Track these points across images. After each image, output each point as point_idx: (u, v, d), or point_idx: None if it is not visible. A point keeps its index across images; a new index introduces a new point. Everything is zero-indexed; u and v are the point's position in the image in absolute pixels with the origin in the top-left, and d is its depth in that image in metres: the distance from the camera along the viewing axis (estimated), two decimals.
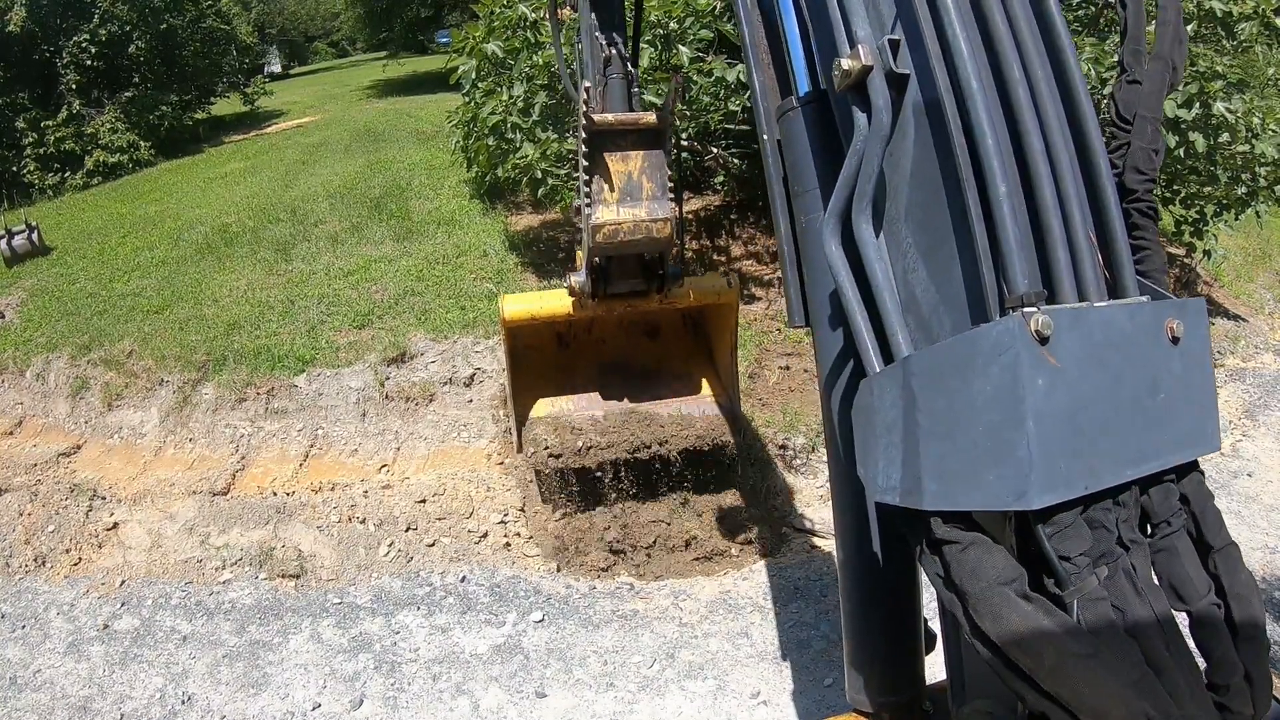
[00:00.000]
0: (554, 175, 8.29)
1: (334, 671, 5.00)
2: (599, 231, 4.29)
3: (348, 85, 34.07)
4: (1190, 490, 1.60)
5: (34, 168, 21.72)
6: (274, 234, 11.30)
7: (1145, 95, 1.86)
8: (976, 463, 1.36)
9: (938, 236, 1.66)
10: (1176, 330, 1.51)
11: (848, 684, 2.18)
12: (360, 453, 6.92)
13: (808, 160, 2.00)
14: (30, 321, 10.83)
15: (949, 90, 1.60)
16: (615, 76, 4.56)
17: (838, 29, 1.76)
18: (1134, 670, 1.33)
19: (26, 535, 6.83)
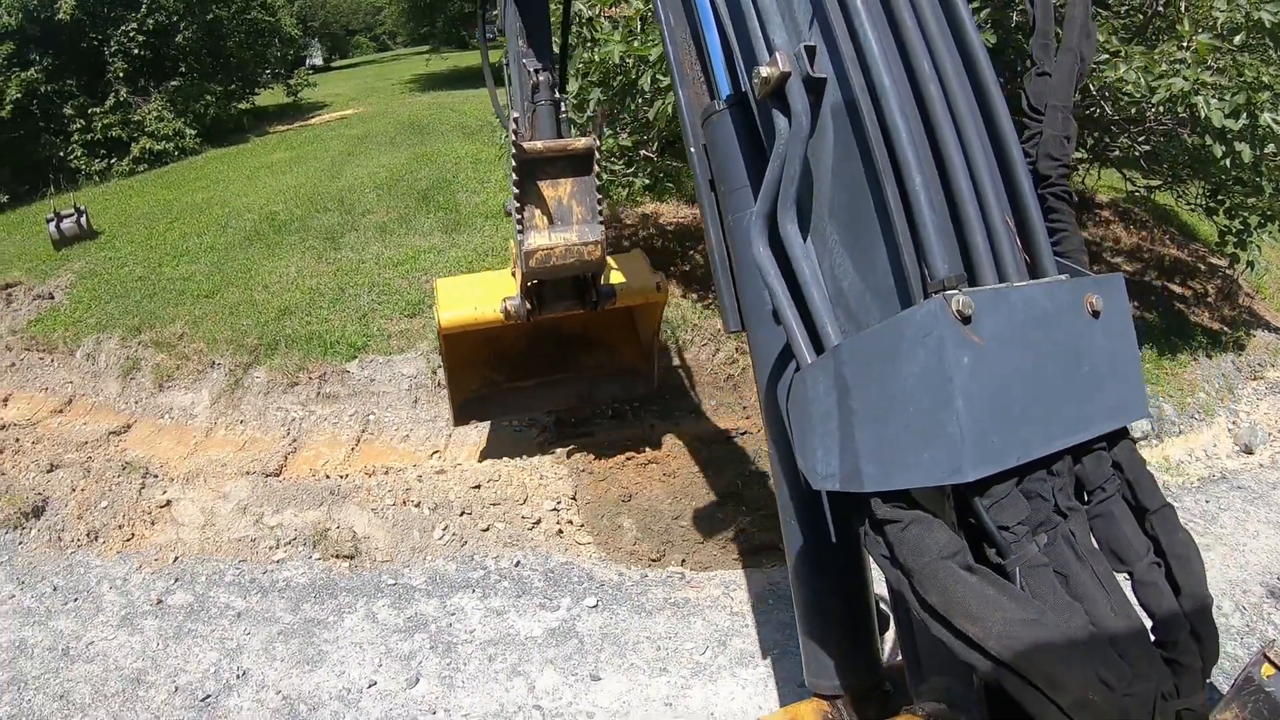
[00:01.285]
0: (607, 171, 8.47)
1: (389, 650, 5.15)
2: (532, 257, 4.52)
3: (389, 79, 34.58)
4: (1123, 457, 1.68)
5: (81, 153, 22.38)
6: (323, 223, 11.60)
7: (1055, 85, 1.96)
8: (910, 443, 1.43)
9: (861, 231, 1.75)
10: (1096, 305, 1.59)
11: (805, 669, 2.23)
12: (412, 439, 7.10)
13: (735, 159, 2.10)
14: (80, 303, 11.19)
15: (864, 90, 1.69)
16: (543, 103, 4.76)
17: (755, 37, 1.86)
18: (1080, 632, 1.40)
19: (79, 510, 7.08)
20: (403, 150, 15.91)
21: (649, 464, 6.50)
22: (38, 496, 7.40)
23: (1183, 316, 9.46)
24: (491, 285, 5.62)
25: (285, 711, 4.81)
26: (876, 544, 1.54)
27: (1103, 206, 11.79)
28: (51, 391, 9.63)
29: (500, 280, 5.65)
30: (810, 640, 2.19)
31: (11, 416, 9.36)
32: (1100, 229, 11.32)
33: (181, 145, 22.35)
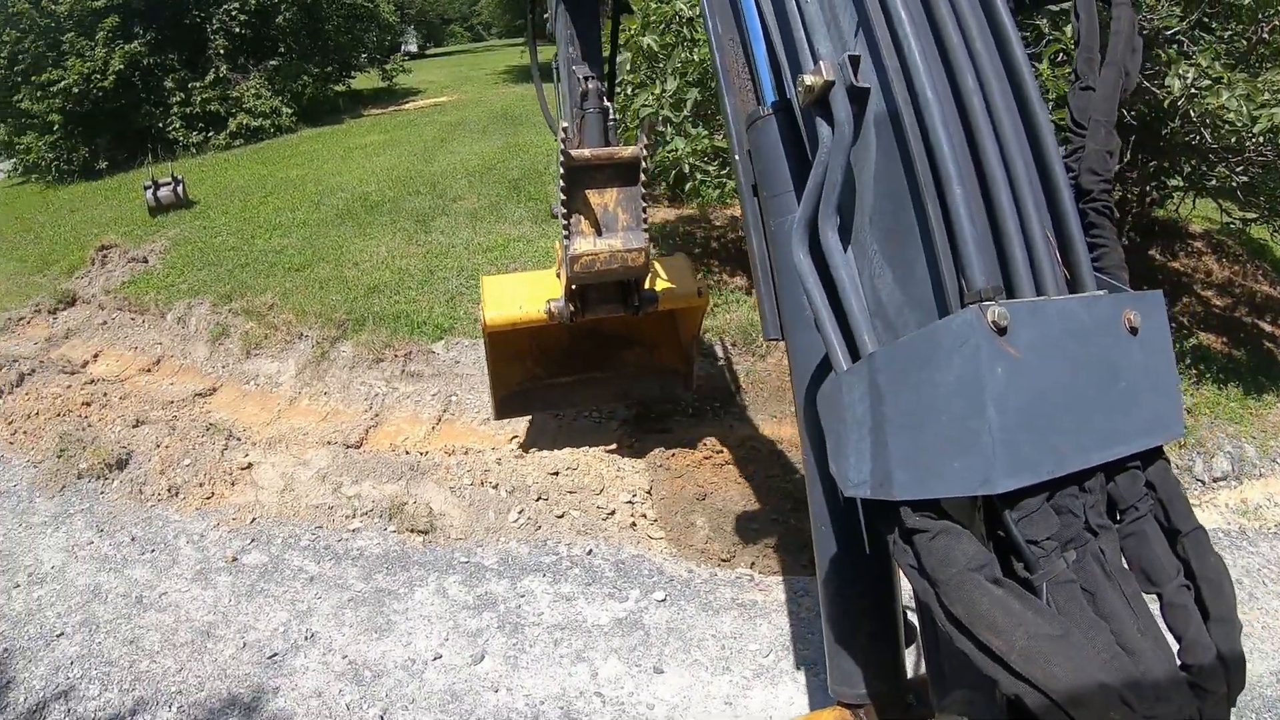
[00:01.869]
0: (702, 171, 8.57)
1: (457, 626, 5.30)
2: (577, 262, 4.67)
3: (482, 69, 35.26)
4: (1157, 477, 1.67)
5: (179, 125, 23.40)
6: (414, 206, 11.96)
7: (1098, 100, 1.95)
8: (942, 452, 1.45)
9: (901, 241, 1.78)
10: (1134, 321, 1.59)
11: (830, 676, 2.25)
12: (491, 423, 7.28)
13: (778, 165, 2.14)
14: (173, 268, 11.72)
15: (907, 101, 1.73)
16: (592, 110, 4.87)
17: (800, 45, 1.92)
18: (1105, 651, 1.40)
19: (161, 466, 7.43)
20: (494, 139, 16.28)
21: (726, 465, 6.56)
22: (122, 450, 7.77)
23: (1271, 356, 9.18)
24: (536, 285, 5.86)
25: (350, 676, 4.97)
26: (905, 553, 1.56)
27: (1195, 237, 11.49)
28: (140, 351, 10.11)
29: (545, 280, 5.89)
30: (836, 648, 2.22)
31: (101, 372, 9.86)
32: (1192, 260, 11.03)
33: (278, 123, 23.25)
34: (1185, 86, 6.30)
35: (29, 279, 13.63)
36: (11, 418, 8.95)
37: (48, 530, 6.94)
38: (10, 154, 26.64)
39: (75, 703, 5.03)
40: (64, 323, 11.59)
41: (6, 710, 5.04)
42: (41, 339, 11.20)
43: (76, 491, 7.41)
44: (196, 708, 4.88)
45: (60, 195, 21.57)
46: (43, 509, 7.27)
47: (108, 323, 11.06)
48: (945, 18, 1.78)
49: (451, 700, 4.74)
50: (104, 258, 13.04)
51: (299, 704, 4.82)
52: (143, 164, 21.32)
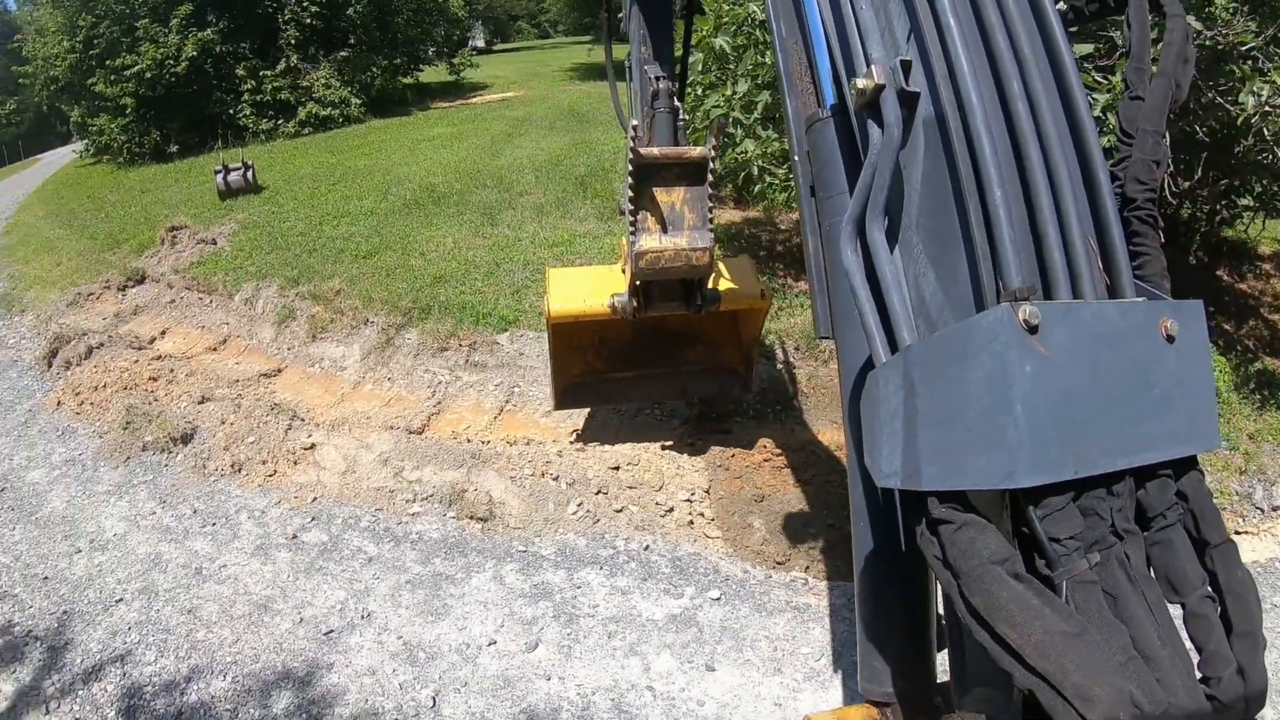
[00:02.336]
0: (770, 174, 8.64)
1: (513, 613, 5.42)
2: (642, 258, 4.75)
3: (549, 65, 35.64)
4: (1189, 487, 1.68)
5: (250, 112, 24.09)
6: (481, 198, 12.20)
7: (1148, 110, 1.97)
8: (969, 445, 1.50)
9: (945, 243, 1.85)
10: (1171, 329, 1.62)
11: (860, 674, 2.28)
12: (553, 415, 7.40)
13: (834, 166, 2.22)
14: (241, 250, 12.09)
15: (953, 105, 1.80)
16: (662, 110, 4.97)
17: (855, 51, 2.02)
18: (1121, 653, 1.43)
19: (226, 442, 7.68)
20: (561, 136, 16.50)
21: (784, 468, 6.60)
22: (187, 425, 8.06)
23: None
24: (601, 279, 5.94)
25: (404, 656, 5.10)
26: (930, 544, 1.61)
27: (1265, 259, 11.23)
28: (207, 330, 10.46)
29: (610, 275, 5.97)
30: (868, 645, 2.24)
31: (167, 349, 10.21)
32: (1260, 281, 10.77)
33: (346, 113, 23.84)
34: (1259, 104, 6.22)
35: (99, 256, 14.13)
36: (79, 389, 9.32)
37: (111, 499, 7.22)
38: (84, 134, 27.66)
39: (131, 667, 5.23)
40: (132, 299, 12.03)
41: (64, 670, 5.26)
42: (110, 314, 11.63)
43: (141, 463, 7.70)
44: (251, 679, 5.04)
45: (131, 176, 22.31)
46: (107, 478, 7.57)
47: (176, 301, 11.46)
48: (994, 25, 1.88)
49: (504, 686, 4.84)
50: (173, 238, 13.50)
51: (352, 681, 4.96)
52: (212, 149, 21.97)
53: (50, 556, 6.50)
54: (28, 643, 5.56)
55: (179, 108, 24.68)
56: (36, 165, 40.62)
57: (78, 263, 14.17)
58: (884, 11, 2.06)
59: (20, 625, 5.74)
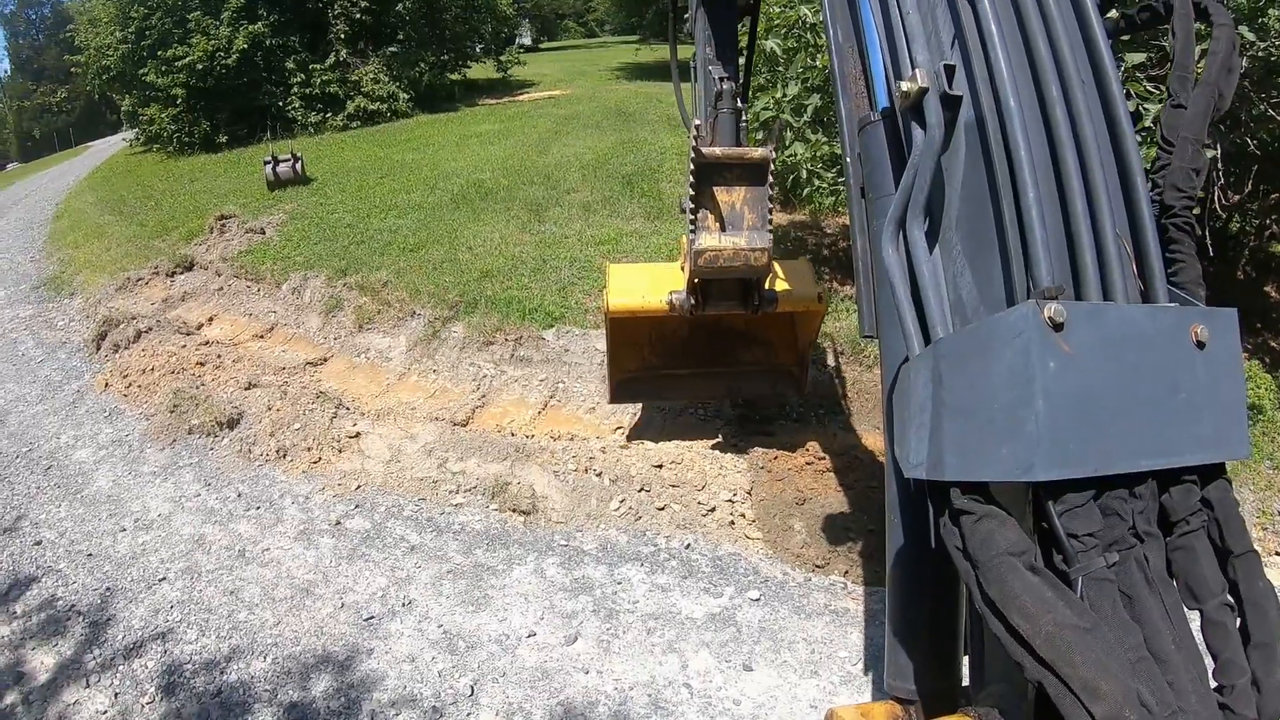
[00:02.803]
0: (819, 177, 8.67)
1: (553, 606, 5.49)
2: (701, 256, 4.88)
3: (596, 64, 35.86)
4: (1215, 496, 1.70)
5: (298, 105, 24.52)
6: (528, 195, 12.35)
7: (1189, 118, 1.99)
8: (991, 437, 1.54)
9: (982, 243, 1.91)
10: (1201, 335, 1.64)
11: (887, 671, 2.30)
12: (597, 412, 7.51)
13: (884, 168, 2.27)
14: (289, 240, 12.32)
15: (992, 108, 1.87)
16: (725, 111, 5.11)
17: (901, 54, 2.08)
18: (1133, 652, 1.46)
19: (271, 428, 7.84)
20: (608, 135, 16.62)
21: (826, 471, 6.61)
22: (234, 410, 8.23)
23: None
24: (660, 276, 6.02)
25: (444, 644, 5.18)
26: (952, 534, 1.65)
27: None
28: (254, 318, 10.67)
29: (669, 272, 6.02)
30: (895, 642, 2.27)
31: (215, 335, 10.44)
32: None
33: (394, 108, 24.21)
34: None
35: (148, 243, 14.45)
36: (127, 371, 9.56)
37: (156, 480, 7.40)
38: (134, 123, 28.26)
39: (172, 645, 5.36)
40: (181, 286, 12.30)
41: (105, 645, 5.40)
42: (159, 300, 11.89)
43: (187, 446, 7.88)
44: (291, 661, 5.15)
45: (180, 165, 22.77)
46: (153, 459, 7.76)
47: (223, 289, 11.70)
48: (1035, 31, 1.94)
49: (542, 678, 4.91)
50: (222, 226, 13.80)
51: (392, 667, 5.05)
52: (261, 140, 22.37)
53: (95, 534, 6.67)
54: (70, 617, 5.71)
55: (229, 99, 25.15)
56: (87, 153, 41.58)
57: (127, 248, 14.50)
58: (930, 16, 2.12)
59: (63, 600, 5.90)
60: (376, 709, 4.73)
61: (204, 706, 4.86)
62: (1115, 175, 1.91)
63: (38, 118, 70.48)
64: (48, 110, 70.33)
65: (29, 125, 70.87)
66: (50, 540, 6.66)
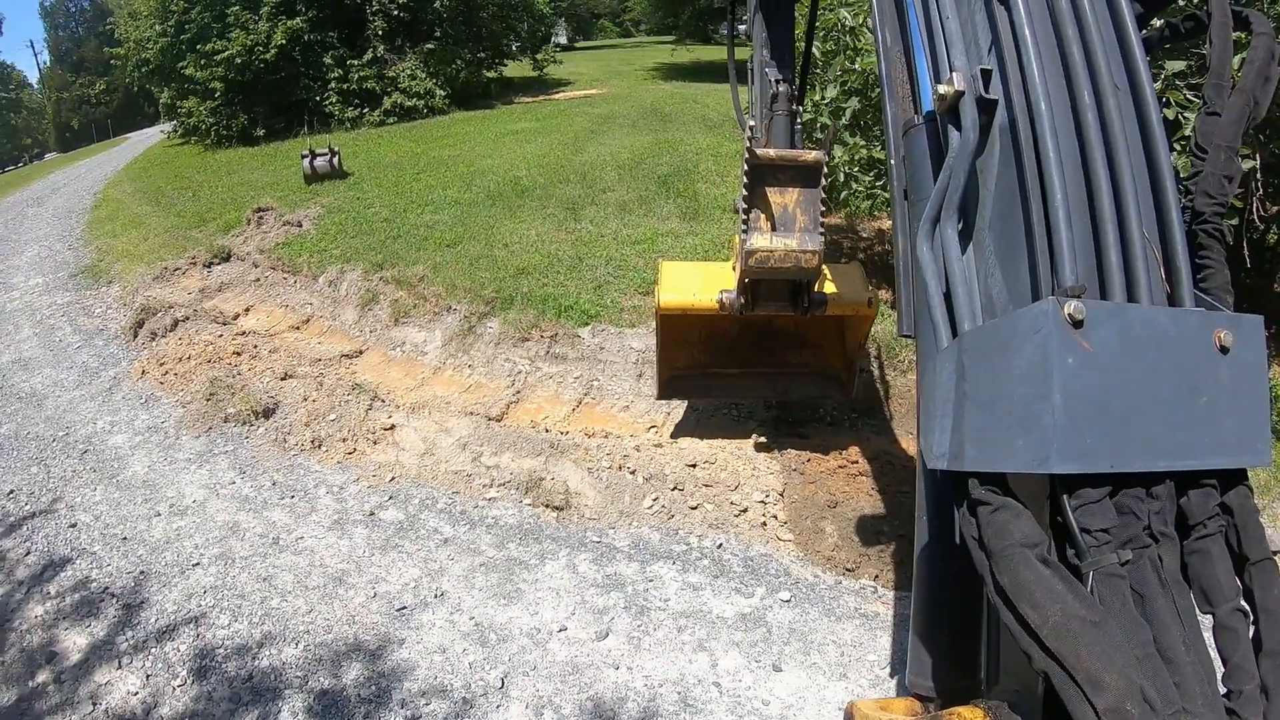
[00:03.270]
0: (856, 180, 8.68)
1: (584, 602, 5.54)
2: (752, 256, 4.94)
3: (632, 64, 36.01)
4: (1235, 502, 1.72)
5: (336, 100, 24.82)
6: (564, 193, 12.46)
7: (1223, 125, 2.03)
8: (1009, 430, 1.58)
9: (1013, 243, 1.97)
10: (1225, 340, 1.67)
11: (909, 668, 2.33)
12: (632, 410, 7.58)
13: (926, 170, 2.32)
14: (326, 234, 12.49)
15: (1024, 112, 1.93)
16: (780, 113, 5.17)
17: (941, 59, 2.15)
18: (1140, 649, 1.48)
19: (307, 418, 7.96)
20: (644, 134, 16.71)
21: (860, 476, 6.61)
22: (270, 399, 8.37)
23: None
24: (711, 275, 6.08)
25: (475, 637, 5.23)
26: (969, 524, 1.69)
27: None
28: (291, 309, 10.83)
29: (720, 271, 6.09)
30: (918, 639, 2.31)
31: (251, 325, 10.60)
32: None
33: (431, 104, 24.46)
34: None
35: (186, 233, 14.68)
36: (164, 359, 9.74)
37: (192, 467, 7.54)
38: (172, 116, 28.70)
39: (205, 629, 5.46)
40: (218, 276, 12.50)
41: (138, 628, 5.51)
42: (196, 290, 12.09)
43: (222, 434, 8.02)
44: (322, 648, 5.23)
45: (218, 158, 23.09)
46: (188, 446, 7.90)
47: (260, 280, 11.88)
48: (1070, 38, 2.01)
49: (572, 672, 4.95)
50: (259, 219, 14.00)
51: (423, 657, 5.11)
52: (298, 134, 22.70)
53: (130, 518, 6.80)
54: (104, 599, 5.84)
55: (267, 93, 25.52)
56: (124, 144, 42.20)
57: (164, 239, 14.73)
58: (970, 23, 2.19)
59: (97, 582, 6.03)
60: (407, 698, 4.80)
61: (235, 691, 4.95)
62: (1146, 180, 1.96)
63: (76, 109, 71.53)
64: (86, 102, 71.36)
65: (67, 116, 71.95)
66: (85, 523, 6.81)
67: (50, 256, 16.08)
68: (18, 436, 8.56)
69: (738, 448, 6.94)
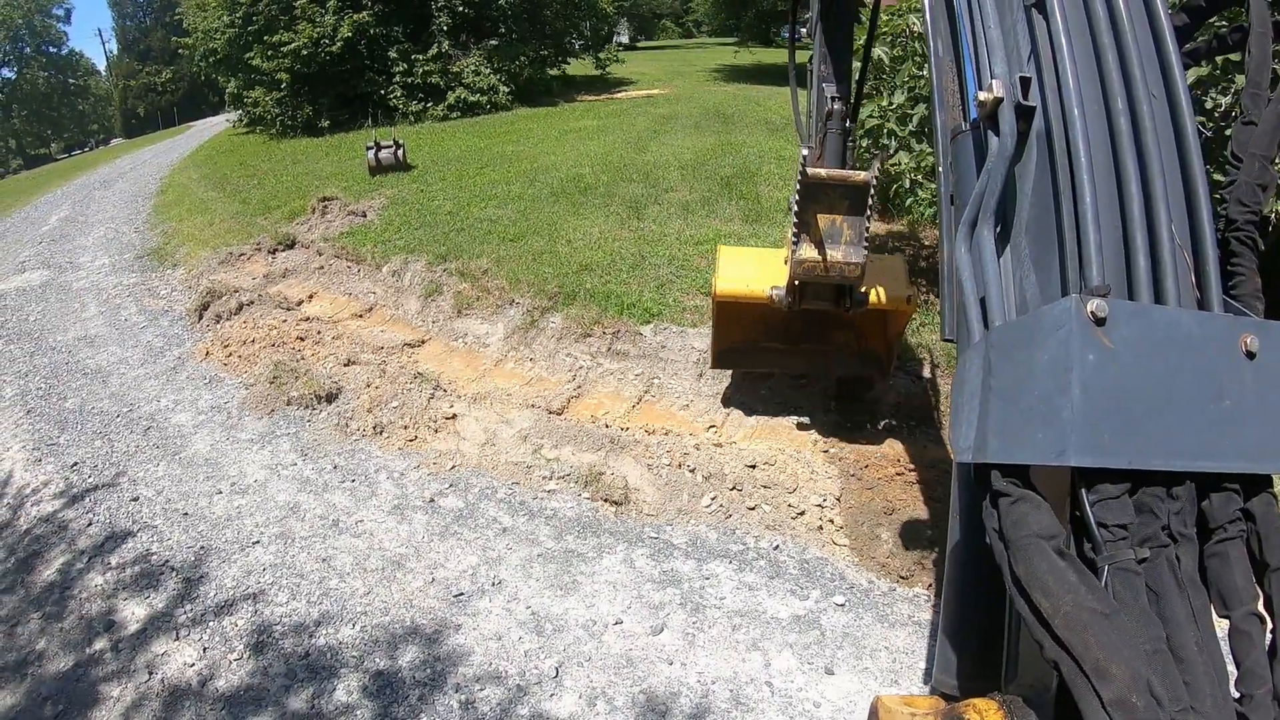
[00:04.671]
0: (921, 187, 8.69)
1: (641, 597, 5.61)
2: (800, 266, 5.32)
3: (694, 65, 36.11)
4: (1259, 508, 1.72)
5: (400, 94, 25.28)
6: (627, 192, 12.57)
7: (1259, 134, 2.06)
8: (1030, 422, 1.61)
9: (1047, 246, 2.04)
10: (1252, 345, 1.67)
11: (936, 666, 2.33)
12: (691, 409, 7.64)
13: (972, 176, 2.36)
14: (390, 225, 12.72)
15: (1059, 117, 2.01)
16: (834, 131, 5.53)
17: (983, 67, 2.25)
18: (1150, 644, 1.49)
19: (369, 405, 8.13)
20: (707, 136, 16.79)
21: (916, 483, 6.61)
22: (333, 385, 8.56)
23: None
24: (767, 263, 6.45)
25: (531, 625, 5.32)
26: (990, 516, 1.71)
27: None
28: (354, 297, 11.05)
29: (776, 258, 6.40)
30: (944, 637, 2.32)
31: (314, 311, 10.82)
32: None
33: (494, 100, 24.81)
34: None
35: (251, 220, 15.01)
36: (228, 342, 10.00)
37: (254, 447, 7.75)
38: (238, 105, 29.33)
39: (263, 606, 5.62)
40: (282, 263, 12.76)
41: (196, 602, 5.68)
42: (260, 275, 12.38)
43: (285, 416, 8.23)
44: (379, 630, 5.35)
45: (282, 147, 23.56)
46: (251, 427, 8.12)
47: (324, 268, 12.12)
48: (1106, 46, 2.10)
49: (626, 665, 5.02)
50: (324, 208, 14.29)
51: (479, 644, 5.21)
52: (363, 126, 23.10)
53: (191, 495, 7.00)
54: (164, 572, 6.02)
55: (332, 85, 26.02)
56: (189, 132, 43.22)
57: (229, 224, 15.08)
58: (1012, 32, 2.28)
59: (158, 555, 6.22)
60: (461, 682, 4.89)
61: (291, 667, 5.08)
62: (1179, 187, 2.01)
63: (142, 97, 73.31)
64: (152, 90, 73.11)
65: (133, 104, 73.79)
66: (148, 497, 7.02)
67: (117, 238, 16.54)
68: (82, 411, 8.84)
69: (797, 450, 6.97)
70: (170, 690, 4.99)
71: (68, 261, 15.24)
